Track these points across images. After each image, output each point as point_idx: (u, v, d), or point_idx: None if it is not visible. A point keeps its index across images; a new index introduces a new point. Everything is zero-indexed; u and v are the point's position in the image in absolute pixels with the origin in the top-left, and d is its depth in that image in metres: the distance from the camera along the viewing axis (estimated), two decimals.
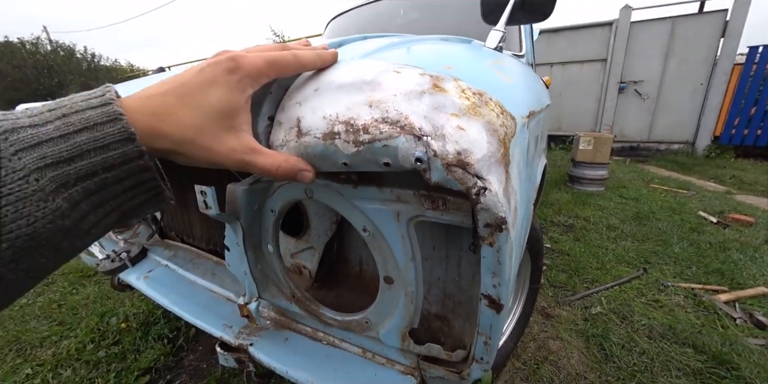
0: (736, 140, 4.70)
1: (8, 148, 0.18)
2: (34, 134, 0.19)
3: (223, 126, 0.26)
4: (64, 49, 14.84)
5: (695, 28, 4.60)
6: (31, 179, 0.18)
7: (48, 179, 0.19)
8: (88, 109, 0.21)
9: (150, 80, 0.74)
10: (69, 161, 0.20)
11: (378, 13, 2.05)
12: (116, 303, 1.60)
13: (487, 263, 0.32)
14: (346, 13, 2.24)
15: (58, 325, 1.45)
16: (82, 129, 0.20)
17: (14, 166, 0.18)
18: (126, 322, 1.42)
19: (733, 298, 1.45)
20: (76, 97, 0.23)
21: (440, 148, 0.27)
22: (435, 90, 0.30)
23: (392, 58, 0.39)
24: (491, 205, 0.28)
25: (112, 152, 0.21)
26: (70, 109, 0.21)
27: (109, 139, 0.21)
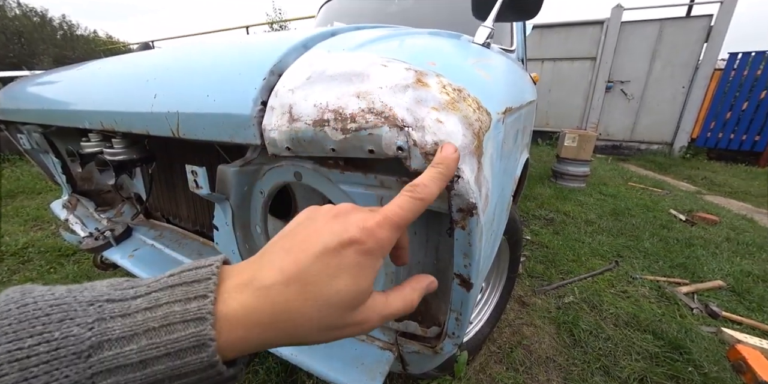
0: (711, 143, 4.91)
1: (86, 371, 0.17)
2: (116, 355, 0.18)
3: (353, 310, 0.23)
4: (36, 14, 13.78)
5: (681, 31, 4.72)
6: None
7: None
8: (179, 322, 0.19)
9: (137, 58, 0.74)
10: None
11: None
12: None
13: (460, 245, 0.36)
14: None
15: None
16: (164, 355, 0.19)
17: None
18: None
19: (693, 290, 1.56)
20: (177, 287, 0.21)
21: (420, 138, 0.30)
22: (418, 84, 0.33)
23: (381, 51, 0.41)
24: (463, 191, 0.31)
25: (189, 379, 0.19)
26: (164, 318, 0.19)
27: (189, 367, 0.19)
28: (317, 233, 0.23)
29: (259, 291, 0.21)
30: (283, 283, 0.21)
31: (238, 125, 0.40)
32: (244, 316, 0.20)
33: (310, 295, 0.21)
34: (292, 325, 0.21)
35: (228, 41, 0.59)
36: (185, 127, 0.46)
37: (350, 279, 0.22)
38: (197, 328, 0.19)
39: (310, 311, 0.21)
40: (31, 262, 1.79)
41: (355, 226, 0.23)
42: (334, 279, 0.22)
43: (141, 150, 0.82)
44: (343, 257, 0.22)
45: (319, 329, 0.22)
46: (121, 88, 0.57)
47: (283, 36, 0.50)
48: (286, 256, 0.22)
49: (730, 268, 1.77)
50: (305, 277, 0.21)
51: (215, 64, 0.47)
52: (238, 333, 0.20)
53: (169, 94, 0.47)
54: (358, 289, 0.22)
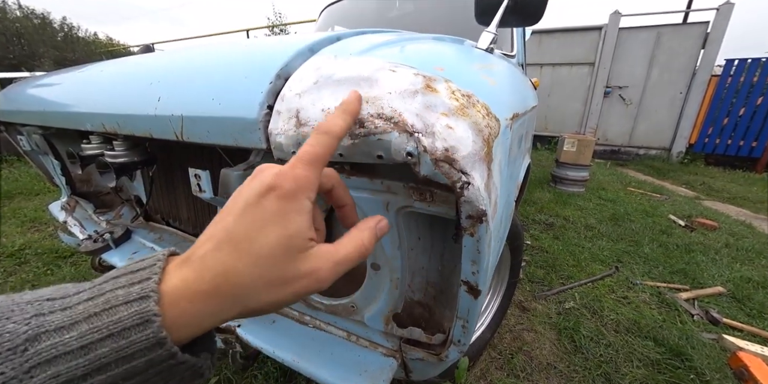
0: (709, 148, 4.94)
1: (23, 365, 0.17)
2: (55, 344, 0.17)
3: (293, 259, 0.22)
4: (37, 16, 13.81)
5: (678, 38, 4.77)
6: None
7: None
8: (122, 304, 0.19)
9: (139, 60, 0.73)
10: (85, 378, 0.17)
11: (373, 3, 2.04)
12: None
13: (468, 252, 0.35)
14: (341, 1, 2.21)
15: None
16: (107, 336, 0.18)
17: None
18: None
19: (693, 296, 1.56)
20: (122, 276, 0.20)
21: (430, 145, 0.29)
22: (427, 90, 0.32)
23: (388, 56, 0.41)
24: (473, 198, 0.30)
25: (137, 361, 0.18)
26: (105, 302, 0.19)
27: (135, 347, 0.18)
28: (239, 194, 0.23)
29: (195, 263, 0.21)
30: (215, 248, 0.21)
31: (243, 129, 0.40)
32: (185, 288, 0.20)
33: (242, 252, 0.21)
34: (234, 287, 0.20)
35: (233, 44, 0.58)
36: (189, 130, 0.46)
37: (277, 226, 0.22)
38: (141, 306, 0.19)
39: (247, 268, 0.21)
40: (27, 264, 1.78)
41: (269, 175, 0.23)
42: (261, 230, 0.21)
43: (142, 152, 0.82)
44: (264, 207, 0.22)
45: (265, 285, 0.21)
46: (124, 91, 0.57)
47: (289, 40, 0.49)
48: (215, 226, 0.22)
49: (730, 274, 1.77)
50: (234, 237, 0.21)
51: (220, 67, 0.47)
52: (182, 306, 0.19)
53: (173, 97, 0.47)
54: (287, 233, 0.22)
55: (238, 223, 0.21)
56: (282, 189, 0.22)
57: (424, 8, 1.85)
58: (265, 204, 0.22)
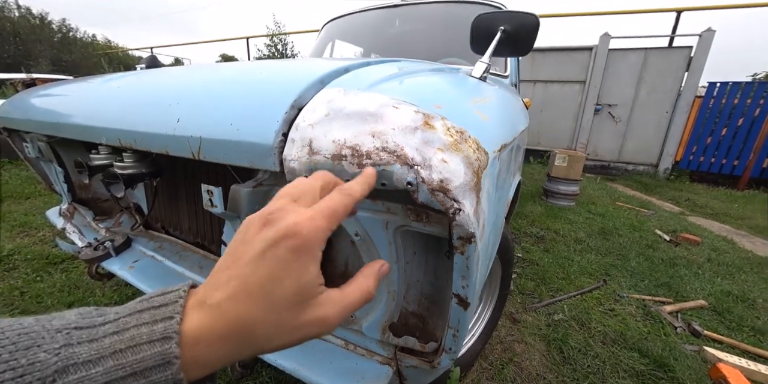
0: (693, 166, 5.12)
1: None
2: (82, 378, 0.18)
3: (305, 306, 0.23)
4: (35, 16, 13.80)
5: (664, 60, 5.00)
6: None
7: None
8: (146, 343, 0.20)
9: (156, 78, 0.78)
10: None
11: (374, 20, 2.13)
12: (85, 293, 1.56)
13: (459, 268, 0.40)
14: (343, 17, 2.30)
15: (20, 313, 1.40)
16: (130, 374, 0.19)
17: None
18: None
19: (677, 309, 1.61)
20: (145, 311, 0.22)
21: (427, 176, 0.34)
22: (426, 127, 0.37)
23: (392, 91, 0.46)
24: (464, 222, 0.35)
25: None
26: (131, 339, 0.20)
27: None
28: (253, 239, 0.24)
29: (211, 309, 0.22)
30: (232, 297, 0.22)
31: (260, 153, 0.44)
32: (202, 333, 0.21)
33: (259, 301, 0.22)
34: (249, 334, 0.22)
35: (248, 68, 0.63)
36: (207, 150, 0.50)
37: (292, 276, 0.23)
38: (163, 347, 0.20)
39: (263, 316, 0.22)
40: (16, 270, 1.75)
41: (286, 225, 0.23)
42: (277, 281, 0.22)
43: (150, 164, 0.85)
44: (280, 256, 0.22)
45: (278, 332, 0.23)
46: (143, 109, 0.61)
47: (301, 70, 0.54)
48: (229, 271, 0.23)
49: (712, 288, 1.83)
50: (250, 287, 0.22)
51: (238, 93, 0.51)
52: (199, 348, 0.21)
53: (192, 120, 0.51)
54: (299, 283, 0.23)
55: (254, 272, 0.22)
56: (299, 240, 0.23)
57: (422, 28, 1.94)
58: (281, 253, 0.23)
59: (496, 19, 0.86)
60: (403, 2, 2.06)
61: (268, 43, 10.73)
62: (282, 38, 10.70)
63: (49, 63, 11.81)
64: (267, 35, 10.62)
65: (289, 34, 10.64)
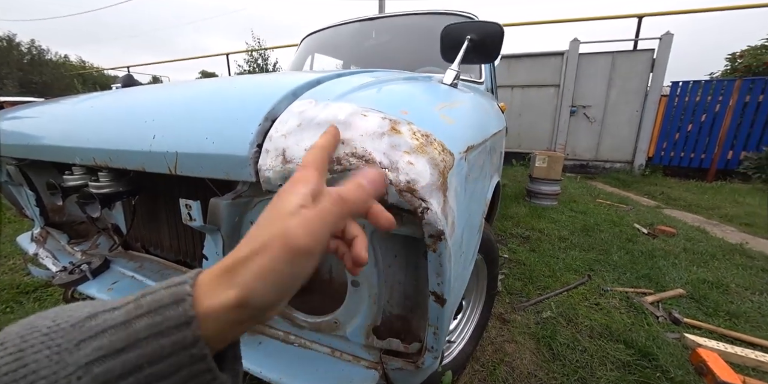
0: (665, 161, 5.38)
1: (75, 338, 0.19)
2: (106, 320, 0.20)
3: None
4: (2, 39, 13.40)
5: (630, 63, 5.29)
6: (73, 378, 0.18)
7: (90, 378, 0.18)
8: (161, 289, 0.22)
9: (130, 96, 0.78)
10: (120, 352, 0.19)
11: (352, 33, 2.18)
12: None
13: (432, 266, 0.41)
14: (321, 31, 2.34)
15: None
16: (146, 313, 0.20)
17: (68, 360, 0.19)
18: None
19: (657, 299, 1.67)
20: (159, 290, 0.22)
21: (395, 178, 0.36)
22: (392, 132, 0.40)
23: (362, 100, 0.48)
24: (432, 220, 0.37)
25: (165, 339, 0.20)
26: (154, 289, 0.22)
27: (166, 324, 0.20)
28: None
29: (227, 266, 0.23)
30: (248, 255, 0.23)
31: (235, 165, 0.45)
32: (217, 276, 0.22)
33: None
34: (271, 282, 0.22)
35: (221, 84, 0.65)
36: (183, 165, 0.51)
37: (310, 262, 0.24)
38: (177, 288, 0.21)
39: None
40: None
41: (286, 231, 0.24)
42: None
43: (127, 183, 0.85)
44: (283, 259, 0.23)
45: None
46: (118, 127, 0.61)
47: (275, 83, 0.56)
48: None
49: (689, 277, 1.91)
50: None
51: (212, 107, 0.53)
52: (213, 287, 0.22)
53: (168, 136, 0.52)
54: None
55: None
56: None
57: (399, 39, 2.00)
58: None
59: (463, 29, 0.91)
60: (379, 15, 2.13)
61: (248, 58, 10.75)
62: (262, 53, 10.74)
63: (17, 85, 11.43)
64: (246, 51, 10.65)
65: (269, 49, 10.70)
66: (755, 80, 4.76)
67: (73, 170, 0.86)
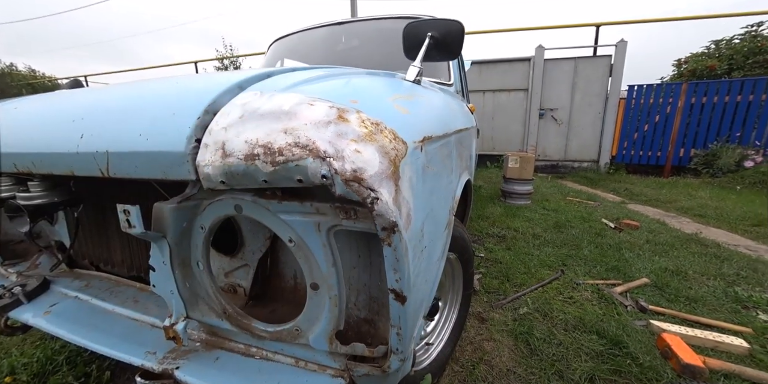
0: (627, 159, 5.73)
1: None
2: None
3: None
4: None
5: (591, 67, 5.62)
6: None
7: None
8: None
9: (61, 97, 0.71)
10: None
11: (320, 38, 2.16)
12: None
13: (389, 261, 0.39)
14: (289, 36, 2.31)
15: None
16: None
17: None
18: (11, 376, 1.19)
19: (625, 290, 1.73)
20: None
21: (340, 167, 0.34)
22: (339, 120, 0.37)
23: (311, 91, 0.46)
24: (383, 211, 0.35)
25: None
26: None
27: None
28: None
29: None
30: None
31: (172, 162, 0.42)
32: None
33: None
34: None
35: (163, 80, 0.60)
36: (116, 166, 0.46)
37: None
38: None
39: None
40: None
41: None
42: None
43: (64, 192, 0.77)
44: None
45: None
46: (42, 129, 0.55)
47: (219, 77, 0.53)
48: None
49: (652, 266, 2.00)
50: None
51: (148, 103, 0.48)
52: None
53: (98, 134, 0.47)
54: None
55: None
56: None
57: (368, 43, 2.00)
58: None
59: (424, 27, 0.91)
60: (347, 20, 2.12)
61: (219, 66, 10.47)
62: (233, 61, 10.50)
63: None
64: (217, 58, 10.38)
65: (240, 56, 10.48)
66: (699, 84, 5.18)
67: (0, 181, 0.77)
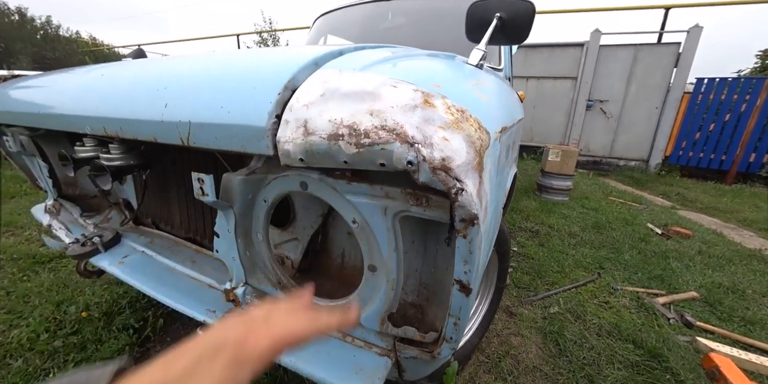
0: (683, 161, 5.21)
1: None
2: None
3: None
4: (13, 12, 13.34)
5: (653, 56, 5.06)
6: None
7: None
8: None
9: (143, 65, 0.75)
10: None
11: (367, 14, 2.10)
12: (75, 291, 1.52)
13: (461, 253, 0.38)
14: (334, 11, 2.26)
15: (6, 313, 1.37)
16: None
17: None
18: (87, 312, 1.36)
19: (669, 301, 1.63)
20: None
21: (429, 154, 0.33)
22: (426, 105, 0.36)
23: (388, 72, 0.44)
24: (467, 203, 0.34)
25: None
26: None
27: None
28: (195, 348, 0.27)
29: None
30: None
31: (252, 136, 0.42)
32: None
33: None
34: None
35: (238, 54, 0.61)
36: (197, 136, 0.48)
37: None
38: None
39: None
40: (2, 270, 1.70)
41: (232, 340, 0.27)
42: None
43: (138, 156, 0.83)
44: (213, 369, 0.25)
45: None
46: (129, 96, 0.58)
47: (294, 53, 0.52)
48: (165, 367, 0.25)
49: (703, 280, 1.86)
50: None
51: (229, 76, 0.49)
52: None
53: (181, 105, 0.49)
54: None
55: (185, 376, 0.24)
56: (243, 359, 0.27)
57: (415, 22, 1.92)
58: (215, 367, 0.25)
59: (492, 7, 0.85)
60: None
61: (257, 40, 10.60)
62: (273, 34, 10.58)
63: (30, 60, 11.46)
64: (257, 32, 10.49)
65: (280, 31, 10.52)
66: None
67: (85, 141, 0.84)
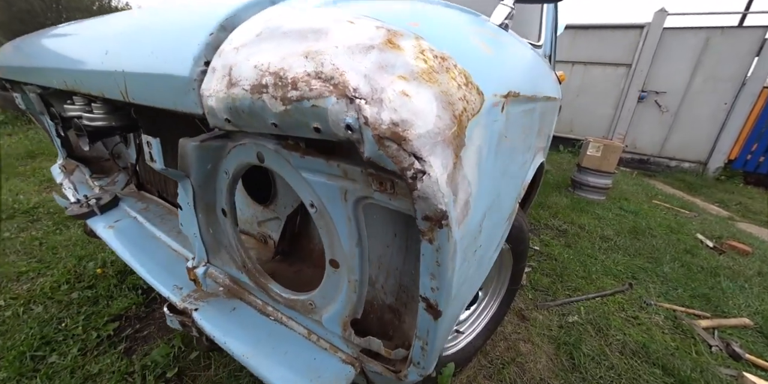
0: (750, 166, 4.54)
1: None
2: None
3: None
4: None
5: (730, 42, 4.35)
6: None
7: None
8: None
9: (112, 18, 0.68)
10: None
11: None
12: (96, 248, 1.59)
13: (426, 263, 0.28)
14: None
15: (36, 262, 1.47)
16: None
17: None
18: (103, 269, 1.43)
19: (714, 326, 1.41)
20: None
21: (373, 115, 0.22)
22: (387, 46, 0.24)
23: (361, 10, 0.33)
24: (429, 193, 0.23)
25: None
26: None
27: None
28: None
29: None
30: None
31: (179, 89, 0.33)
32: None
33: None
34: None
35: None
36: (132, 89, 0.40)
37: None
38: None
39: None
40: (39, 222, 1.83)
41: None
42: None
43: (122, 117, 0.77)
44: None
45: None
46: (83, 47, 0.51)
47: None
48: None
49: (760, 306, 1.60)
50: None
51: (170, 19, 0.40)
52: None
53: (117, 52, 0.41)
54: None
55: None
56: None
57: None
58: None
59: None
60: None
61: None
62: None
63: None
64: None
65: None
66: None
67: (74, 100, 0.81)
